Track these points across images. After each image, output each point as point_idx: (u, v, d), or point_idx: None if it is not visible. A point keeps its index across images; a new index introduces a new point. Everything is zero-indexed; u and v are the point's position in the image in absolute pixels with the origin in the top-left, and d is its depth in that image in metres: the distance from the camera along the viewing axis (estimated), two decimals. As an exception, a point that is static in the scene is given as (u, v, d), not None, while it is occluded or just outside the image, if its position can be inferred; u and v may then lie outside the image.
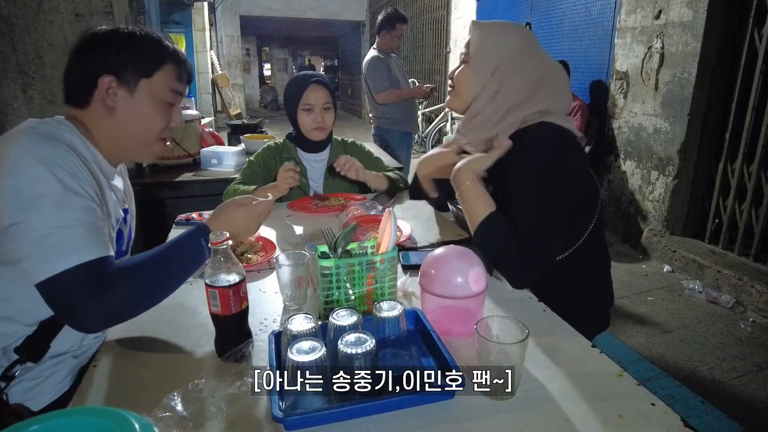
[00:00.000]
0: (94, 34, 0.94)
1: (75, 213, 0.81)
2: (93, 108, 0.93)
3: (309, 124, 1.71)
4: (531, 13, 4.46)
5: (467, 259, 0.91)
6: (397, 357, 0.76)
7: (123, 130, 0.96)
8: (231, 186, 1.72)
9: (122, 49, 0.92)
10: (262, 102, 15.62)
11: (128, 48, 0.93)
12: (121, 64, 0.92)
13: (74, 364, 0.98)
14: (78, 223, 0.81)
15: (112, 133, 0.96)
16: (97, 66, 0.91)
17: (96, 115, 0.94)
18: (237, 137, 3.08)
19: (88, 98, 0.93)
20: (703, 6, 2.79)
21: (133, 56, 0.93)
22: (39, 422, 0.53)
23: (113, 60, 0.91)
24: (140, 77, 0.93)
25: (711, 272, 2.75)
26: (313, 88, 1.68)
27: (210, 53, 8.42)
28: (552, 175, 1.03)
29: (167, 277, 0.88)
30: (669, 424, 0.67)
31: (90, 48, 0.93)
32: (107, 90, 0.91)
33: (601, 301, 1.24)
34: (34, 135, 0.84)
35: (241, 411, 0.70)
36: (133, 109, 0.94)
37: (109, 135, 0.96)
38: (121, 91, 0.93)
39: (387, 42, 3.48)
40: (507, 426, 0.67)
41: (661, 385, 1.93)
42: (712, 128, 2.99)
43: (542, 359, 0.82)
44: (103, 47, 0.92)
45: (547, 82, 1.10)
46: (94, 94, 0.92)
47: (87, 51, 0.93)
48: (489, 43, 1.11)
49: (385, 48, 3.50)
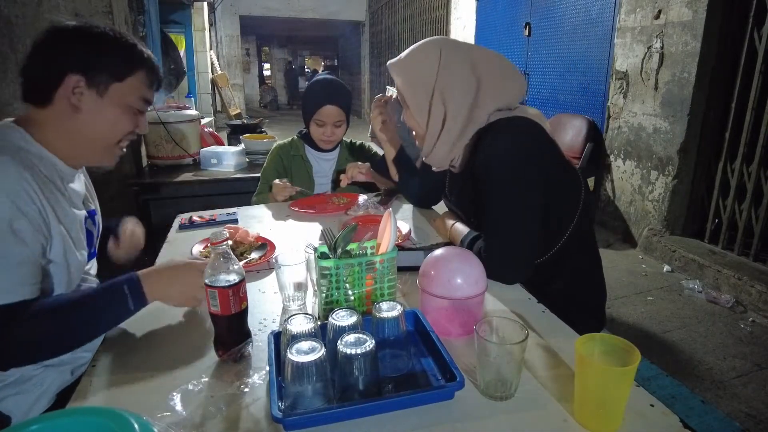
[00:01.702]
0: (62, 29, 0.89)
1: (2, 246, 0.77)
2: (54, 106, 0.89)
3: (319, 136, 1.81)
4: (531, 13, 4.46)
5: (467, 259, 0.91)
6: (396, 357, 0.76)
7: (85, 132, 0.92)
8: (255, 198, 1.85)
9: (94, 49, 0.89)
10: (262, 102, 15.61)
11: (101, 49, 0.89)
12: (93, 64, 0.88)
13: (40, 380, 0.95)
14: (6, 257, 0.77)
15: (71, 134, 0.91)
16: (64, 63, 0.86)
17: (57, 114, 0.89)
18: (237, 137, 3.08)
19: (51, 96, 0.88)
20: (702, 6, 2.79)
21: (106, 58, 0.89)
22: (39, 422, 0.53)
23: (84, 59, 0.87)
24: (112, 81, 0.90)
25: (711, 272, 2.76)
26: (329, 107, 1.74)
27: (210, 53, 8.41)
28: (518, 171, 1.05)
29: (84, 327, 0.83)
30: (668, 425, 0.67)
31: (57, 43, 0.88)
32: (73, 89, 0.87)
33: (595, 300, 1.24)
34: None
35: (240, 411, 0.70)
36: (100, 111, 0.90)
37: (68, 136, 0.91)
38: (89, 92, 0.89)
39: None
40: (506, 426, 0.67)
41: (660, 384, 1.93)
42: (712, 128, 2.99)
43: (541, 360, 0.82)
44: (73, 44, 0.88)
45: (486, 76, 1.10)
46: (57, 92, 0.88)
47: (53, 46, 0.88)
48: (410, 74, 1.13)
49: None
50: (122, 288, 0.84)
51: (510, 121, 1.09)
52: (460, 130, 1.11)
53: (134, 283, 0.85)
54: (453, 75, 1.09)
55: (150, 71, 0.96)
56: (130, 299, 0.84)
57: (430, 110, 1.12)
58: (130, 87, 0.93)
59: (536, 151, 1.08)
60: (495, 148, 1.07)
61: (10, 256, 0.78)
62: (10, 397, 0.91)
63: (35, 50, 0.89)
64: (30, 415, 0.92)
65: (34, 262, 0.82)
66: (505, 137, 1.07)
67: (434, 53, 1.11)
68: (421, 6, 7.51)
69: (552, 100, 4.21)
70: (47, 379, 0.95)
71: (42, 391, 0.94)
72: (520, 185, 1.05)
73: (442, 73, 1.09)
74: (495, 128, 1.09)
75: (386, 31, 9.75)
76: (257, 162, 2.60)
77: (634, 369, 0.63)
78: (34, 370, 0.93)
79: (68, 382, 0.99)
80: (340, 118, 1.77)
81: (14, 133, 0.88)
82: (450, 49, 1.11)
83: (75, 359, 1.00)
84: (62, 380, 0.98)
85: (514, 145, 1.06)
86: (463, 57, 1.11)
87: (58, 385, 0.97)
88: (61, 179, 0.93)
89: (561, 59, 4.11)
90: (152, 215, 2.36)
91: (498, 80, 1.11)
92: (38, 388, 0.94)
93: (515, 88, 1.13)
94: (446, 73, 1.09)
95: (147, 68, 0.95)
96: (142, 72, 0.94)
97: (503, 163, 1.06)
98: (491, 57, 1.13)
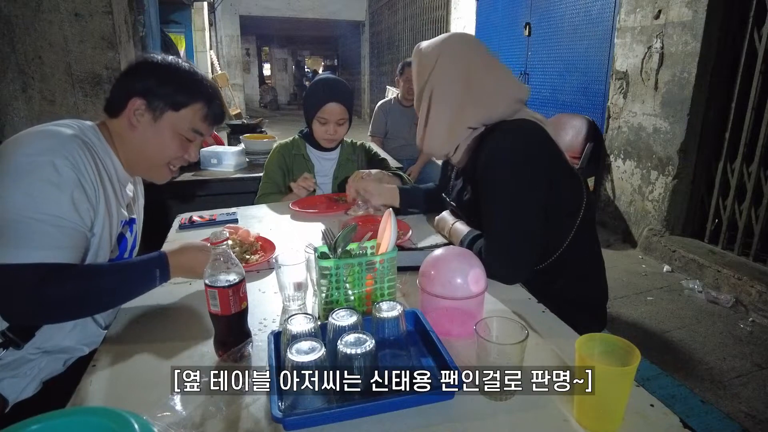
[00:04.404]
0: (143, 61, 1.06)
1: (56, 208, 0.86)
2: (120, 120, 1.03)
3: (321, 135, 1.80)
4: (531, 13, 4.46)
5: (467, 259, 0.91)
6: (396, 357, 0.76)
7: (137, 148, 1.05)
8: (258, 198, 1.83)
9: (160, 79, 1.01)
10: (262, 102, 15.62)
11: (164, 80, 1.02)
12: (155, 92, 1.01)
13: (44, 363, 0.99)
14: (57, 219, 0.85)
15: (127, 146, 1.05)
16: (133, 88, 1.01)
17: (120, 127, 1.03)
18: (237, 137, 3.08)
19: (119, 113, 1.03)
20: (702, 6, 2.79)
21: (166, 89, 1.01)
22: (39, 422, 0.54)
23: (148, 86, 1.01)
24: (167, 109, 1.02)
25: (711, 272, 2.76)
26: (332, 105, 1.74)
27: (210, 53, 8.42)
28: (519, 171, 1.06)
29: (111, 295, 0.91)
30: (668, 425, 0.67)
31: (134, 71, 1.04)
32: (134, 111, 1.01)
33: (597, 300, 1.24)
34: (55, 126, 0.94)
35: (240, 411, 0.69)
36: (151, 134, 1.03)
37: (125, 147, 1.05)
38: (146, 115, 1.02)
39: (399, 86, 3.53)
40: (506, 426, 0.67)
41: (660, 384, 1.93)
42: (712, 128, 2.99)
43: (541, 360, 0.82)
44: (146, 73, 1.02)
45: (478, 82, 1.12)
46: (124, 110, 1.02)
47: (133, 72, 1.04)
48: (419, 66, 1.19)
49: (400, 92, 3.52)
50: (150, 262, 0.94)
51: (513, 123, 1.10)
52: (448, 125, 1.15)
53: (161, 259, 0.95)
54: (444, 73, 1.13)
55: (206, 105, 1.06)
56: (158, 278, 0.94)
57: (422, 99, 1.18)
58: (183, 117, 1.04)
59: (538, 152, 1.08)
60: (497, 148, 1.07)
61: (64, 220, 0.87)
62: (6, 380, 0.94)
63: (121, 75, 1.06)
64: (21, 399, 0.96)
65: (81, 232, 0.91)
66: (507, 137, 1.08)
67: (436, 53, 1.14)
68: (421, 6, 7.51)
69: (552, 100, 4.21)
70: (40, 365, 0.98)
71: (34, 376, 0.97)
72: (521, 185, 1.06)
73: (436, 70, 1.13)
74: (498, 129, 1.10)
75: (386, 31, 9.75)
76: (257, 162, 2.60)
77: (634, 369, 0.63)
78: (32, 355, 0.96)
79: (57, 372, 1.01)
80: (343, 115, 1.77)
81: (91, 129, 1.02)
82: (450, 52, 1.14)
83: (71, 350, 1.02)
84: (53, 369, 1.00)
85: (516, 145, 1.06)
86: (458, 64, 1.13)
87: (48, 373, 1.00)
88: (117, 180, 1.06)
89: (561, 59, 4.11)
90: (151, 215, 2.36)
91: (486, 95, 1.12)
92: (32, 372, 0.97)
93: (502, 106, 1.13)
94: (439, 71, 1.13)
95: (203, 102, 1.05)
96: (199, 105, 1.05)
97: (505, 163, 1.06)
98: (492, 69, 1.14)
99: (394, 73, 3.94)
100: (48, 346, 0.98)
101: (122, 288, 0.92)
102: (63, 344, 1.00)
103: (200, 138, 1.09)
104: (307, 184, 1.73)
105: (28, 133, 0.92)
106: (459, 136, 1.15)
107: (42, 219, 0.83)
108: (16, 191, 0.84)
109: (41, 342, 0.97)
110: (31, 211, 0.83)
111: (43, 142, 0.90)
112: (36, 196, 0.84)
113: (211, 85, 1.08)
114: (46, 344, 0.98)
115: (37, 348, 0.97)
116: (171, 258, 0.95)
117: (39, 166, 0.86)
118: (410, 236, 1.36)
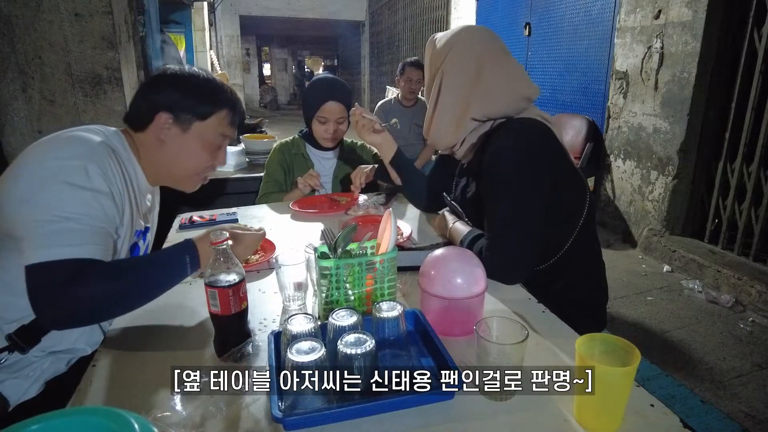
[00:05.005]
0: (162, 73, 1.05)
1: (85, 209, 0.85)
2: (147, 135, 1.03)
3: (321, 134, 1.80)
4: (531, 13, 4.46)
5: (467, 259, 0.91)
6: (396, 357, 0.76)
7: (167, 162, 1.05)
8: (260, 198, 1.83)
9: (183, 91, 1.01)
10: (262, 102, 15.61)
11: (188, 91, 1.02)
12: (180, 104, 1.01)
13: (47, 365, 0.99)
14: (86, 218, 0.84)
15: (156, 161, 1.05)
16: (157, 103, 1.00)
17: (147, 141, 1.03)
18: (236, 137, 3.08)
19: (145, 127, 1.02)
20: (702, 6, 2.79)
21: (191, 100, 1.01)
22: (39, 422, 0.53)
23: (174, 99, 1.00)
24: (195, 119, 1.02)
25: (710, 272, 2.76)
26: (331, 103, 1.74)
27: (210, 53, 8.41)
28: (521, 170, 1.06)
29: (144, 287, 0.88)
30: (668, 425, 0.67)
31: (156, 85, 1.03)
32: (162, 126, 1.00)
33: (597, 300, 1.24)
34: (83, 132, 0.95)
35: (240, 411, 0.70)
36: (183, 145, 1.03)
37: (153, 161, 1.05)
38: (174, 128, 1.01)
39: (399, 86, 3.52)
40: (506, 426, 0.67)
41: (660, 384, 1.93)
42: (712, 128, 2.99)
43: (541, 360, 0.82)
44: (167, 86, 1.02)
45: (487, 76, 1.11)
46: (150, 126, 1.01)
47: (153, 87, 1.03)
48: (432, 55, 1.19)
49: (401, 92, 3.52)
50: (179, 250, 0.91)
51: (519, 121, 1.10)
52: (454, 116, 1.15)
53: (190, 246, 0.92)
54: (455, 64, 1.13)
55: (231, 111, 1.07)
56: (189, 266, 0.91)
57: (431, 88, 1.19)
58: (212, 125, 1.04)
59: (542, 151, 1.08)
60: (501, 146, 1.07)
61: (93, 218, 0.86)
62: (8, 380, 0.93)
63: (140, 88, 1.06)
64: (24, 400, 0.95)
65: (109, 233, 0.90)
66: (511, 136, 1.08)
67: (449, 46, 1.15)
68: (421, 6, 7.51)
69: (552, 100, 4.21)
70: (43, 366, 0.98)
71: (37, 376, 0.97)
72: (524, 184, 1.05)
73: (446, 63, 1.14)
74: (504, 127, 1.10)
75: (386, 31, 9.75)
76: (257, 162, 2.60)
77: (634, 369, 0.63)
78: (35, 357, 0.96)
79: (60, 372, 1.01)
80: (342, 114, 1.77)
81: (117, 136, 1.02)
82: (462, 45, 1.14)
83: (74, 351, 1.02)
84: (56, 369, 1.00)
85: (520, 144, 1.06)
86: (468, 59, 1.12)
87: (51, 374, 0.99)
88: (138, 189, 1.05)
89: (561, 59, 4.11)
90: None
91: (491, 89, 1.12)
92: (35, 373, 0.96)
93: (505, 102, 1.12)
94: (450, 64, 1.14)
95: (228, 108, 1.07)
96: (224, 112, 1.06)
97: (508, 161, 1.06)
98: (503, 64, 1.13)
99: (394, 73, 3.93)
100: (54, 349, 0.98)
101: (154, 279, 0.89)
102: (70, 346, 1.00)
103: (227, 141, 1.10)
104: (313, 182, 1.72)
105: (57, 138, 0.92)
106: (464, 128, 1.15)
107: (71, 218, 0.82)
108: (47, 193, 0.83)
109: (48, 345, 0.96)
110: (60, 211, 0.82)
111: (74, 148, 0.90)
112: (65, 198, 0.83)
113: (230, 90, 1.09)
114: (54, 347, 0.97)
115: (41, 350, 0.96)
116: (199, 244, 0.92)
117: (70, 170, 0.86)
118: (410, 236, 1.36)
